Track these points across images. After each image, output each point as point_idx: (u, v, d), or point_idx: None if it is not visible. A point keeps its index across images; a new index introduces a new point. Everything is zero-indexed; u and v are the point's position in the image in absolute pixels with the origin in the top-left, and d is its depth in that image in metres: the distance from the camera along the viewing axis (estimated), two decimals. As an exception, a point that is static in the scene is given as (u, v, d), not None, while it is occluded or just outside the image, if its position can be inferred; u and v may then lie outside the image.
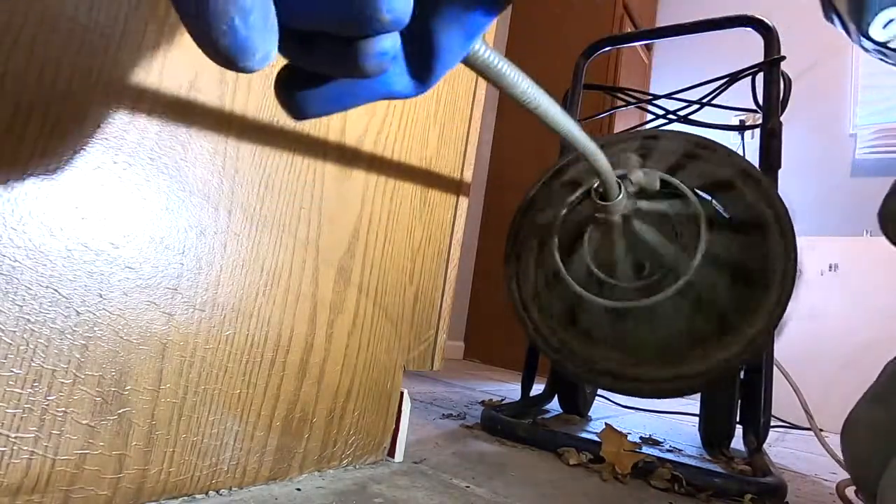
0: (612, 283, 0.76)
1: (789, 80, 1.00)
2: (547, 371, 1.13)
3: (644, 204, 0.73)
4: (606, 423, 0.76)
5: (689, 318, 0.74)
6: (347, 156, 0.53)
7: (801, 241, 0.73)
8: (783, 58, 0.97)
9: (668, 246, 0.73)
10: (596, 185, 0.69)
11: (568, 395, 1.09)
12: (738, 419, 0.93)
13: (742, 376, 0.91)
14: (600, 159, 0.56)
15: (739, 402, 0.92)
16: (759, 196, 0.75)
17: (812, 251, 1.73)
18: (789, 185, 0.78)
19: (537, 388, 1.09)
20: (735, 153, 0.80)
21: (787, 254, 0.70)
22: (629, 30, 2.24)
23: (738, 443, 0.93)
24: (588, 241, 0.79)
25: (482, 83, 0.70)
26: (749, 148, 1.24)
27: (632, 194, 0.71)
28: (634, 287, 0.76)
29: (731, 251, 0.73)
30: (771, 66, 0.97)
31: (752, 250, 0.73)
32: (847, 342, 1.63)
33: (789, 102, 0.99)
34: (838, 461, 0.80)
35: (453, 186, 0.67)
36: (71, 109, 0.34)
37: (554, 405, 1.11)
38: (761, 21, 1.00)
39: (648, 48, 2.53)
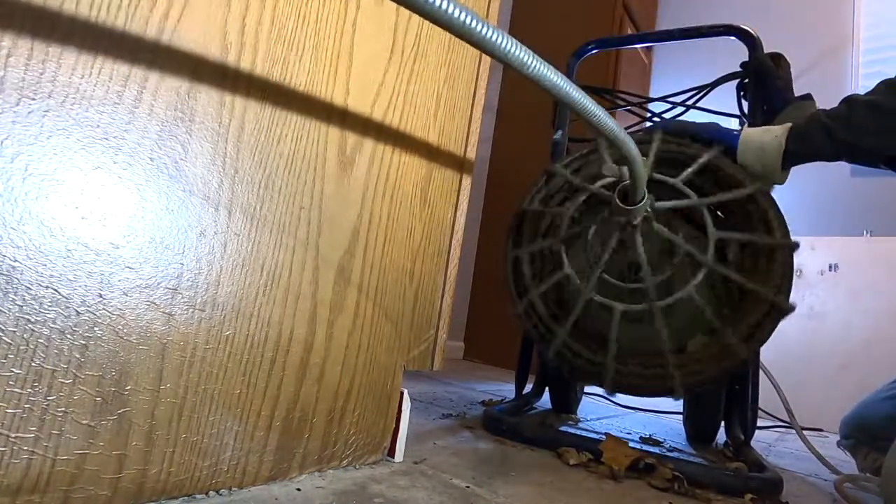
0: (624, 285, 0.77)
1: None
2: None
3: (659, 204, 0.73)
4: (608, 434, 0.76)
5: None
6: (347, 156, 0.53)
7: (802, 242, 0.73)
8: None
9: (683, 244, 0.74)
10: (617, 189, 0.70)
11: (559, 392, 1.10)
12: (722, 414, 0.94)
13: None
14: (636, 160, 0.59)
15: (724, 396, 0.93)
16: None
17: (812, 251, 1.73)
18: (789, 185, 0.78)
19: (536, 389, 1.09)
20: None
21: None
22: (629, 30, 2.25)
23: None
24: (594, 243, 0.79)
25: (482, 83, 0.70)
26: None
27: (651, 197, 0.71)
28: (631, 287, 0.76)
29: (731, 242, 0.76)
30: (756, 73, 0.97)
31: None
32: (847, 342, 1.63)
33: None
34: (825, 463, 0.81)
35: (453, 186, 0.67)
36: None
37: (543, 403, 1.11)
38: (743, 30, 0.99)
39: (648, 49, 2.53)
